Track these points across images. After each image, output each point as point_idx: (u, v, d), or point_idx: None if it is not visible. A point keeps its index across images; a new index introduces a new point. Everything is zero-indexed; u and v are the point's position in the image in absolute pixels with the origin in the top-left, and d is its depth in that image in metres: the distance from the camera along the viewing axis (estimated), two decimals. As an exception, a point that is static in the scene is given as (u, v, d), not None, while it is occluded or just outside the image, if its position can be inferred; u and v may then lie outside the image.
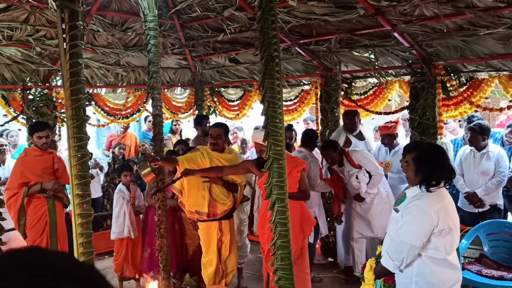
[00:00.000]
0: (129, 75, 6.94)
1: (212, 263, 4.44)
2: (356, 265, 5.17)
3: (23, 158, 4.73)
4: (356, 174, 4.97)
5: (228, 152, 4.57)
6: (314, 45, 5.92)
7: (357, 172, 4.96)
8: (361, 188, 4.98)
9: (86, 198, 2.63)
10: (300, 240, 4.12)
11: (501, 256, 4.50)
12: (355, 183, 5.00)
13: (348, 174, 5.05)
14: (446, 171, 2.69)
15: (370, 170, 4.94)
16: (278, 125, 2.99)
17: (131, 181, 5.21)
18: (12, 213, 4.53)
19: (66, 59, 2.57)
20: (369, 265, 2.84)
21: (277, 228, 3.04)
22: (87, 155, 2.63)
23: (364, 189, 4.97)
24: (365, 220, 5.13)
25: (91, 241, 2.63)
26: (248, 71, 7.10)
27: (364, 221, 5.13)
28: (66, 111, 2.65)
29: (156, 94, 4.67)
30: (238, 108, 7.56)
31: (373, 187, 5.01)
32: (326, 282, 5.39)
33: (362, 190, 4.99)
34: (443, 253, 2.63)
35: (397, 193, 4.83)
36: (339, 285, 5.30)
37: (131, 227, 5.02)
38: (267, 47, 2.92)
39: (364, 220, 5.13)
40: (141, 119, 10.15)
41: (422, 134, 5.18)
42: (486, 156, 5.13)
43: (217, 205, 4.39)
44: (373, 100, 6.06)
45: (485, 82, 5.07)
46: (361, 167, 4.95)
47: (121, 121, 7.17)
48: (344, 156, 5.03)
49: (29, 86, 5.94)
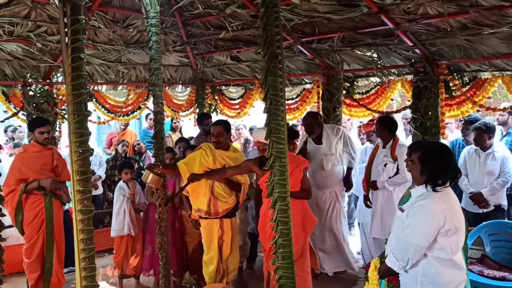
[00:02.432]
0: (130, 72, 6.92)
1: (213, 261, 4.42)
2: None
3: (22, 154, 4.70)
4: (386, 163, 4.96)
5: (233, 151, 4.55)
6: (316, 43, 5.90)
7: (388, 161, 4.95)
8: (381, 177, 4.99)
9: (87, 194, 2.60)
10: (302, 239, 4.10)
11: (503, 256, 4.47)
12: (380, 167, 5.01)
13: (379, 158, 5.07)
14: (452, 170, 2.66)
15: (402, 167, 4.86)
16: (281, 123, 2.97)
17: (131, 178, 5.20)
18: (9, 209, 4.49)
19: (68, 53, 2.54)
20: (374, 265, 2.81)
21: (278, 226, 3.01)
22: (88, 151, 2.61)
23: (384, 179, 4.98)
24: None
25: (92, 237, 2.61)
26: (249, 69, 7.07)
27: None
28: (67, 106, 2.62)
29: (158, 91, 4.64)
30: (239, 106, 7.53)
31: (392, 184, 4.97)
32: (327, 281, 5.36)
33: (381, 179, 4.99)
34: (449, 253, 2.60)
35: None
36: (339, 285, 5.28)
37: (131, 225, 5.02)
38: (270, 44, 2.90)
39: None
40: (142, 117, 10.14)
41: (425, 134, 5.16)
42: (491, 156, 5.11)
43: (218, 203, 4.36)
44: (375, 99, 6.04)
45: (488, 81, 5.06)
46: (396, 161, 4.93)
47: (121, 118, 7.15)
48: (392, 143, 5.00)
49: (29, 82, 5.92)
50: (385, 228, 4.97)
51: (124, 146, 7.28)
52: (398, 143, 5.01)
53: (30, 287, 4.62)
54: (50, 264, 4.58)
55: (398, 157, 4.88)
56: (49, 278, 4.58)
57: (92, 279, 2.65)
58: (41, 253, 4.57)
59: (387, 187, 4.97)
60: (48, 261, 4.57)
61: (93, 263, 2.65)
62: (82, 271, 2.61)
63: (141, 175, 5.46)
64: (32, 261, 4.55)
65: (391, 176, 4.94)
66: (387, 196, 5.04)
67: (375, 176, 5.11)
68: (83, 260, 2.62)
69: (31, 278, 4.59)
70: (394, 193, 5.03)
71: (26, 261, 4.58)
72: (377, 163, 5.10)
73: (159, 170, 4.31)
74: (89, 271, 2.63)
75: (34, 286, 4.59)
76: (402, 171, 4.82)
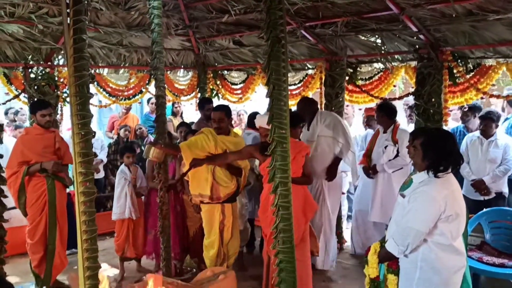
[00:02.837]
0: (131, 56, 6.87)
1: (214, 245, 4.45)
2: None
3: (24, 137, 4.72)
4: (387, 145, 5.08)
5: (234, 136, 4.55)
6: (320, 28, 5.85)
7: (389, 144, 5.08)
8: (381, 159, 5.11)
9: (89, 176, 2.60)
10: (302, 225, 4.11)
11: (502, 243, 4.50)
12: (380, 149, 5.13)
13: (380, 142, 5.18)
14: (454, 157, 2.66)
15: (401, 151, 4.95)
16: (283, 108, 2.95)
17: (133, 162, 5.21)
18: (12, 191, 4.53)
19: (69, 34, 2.51)
20: (374, 248, 2.83)
21: (279, 211, 3.02)
22: (90, 133, 2.60)
23: (384, 161, 5.08)
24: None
25: (94, 219, 2.61)
26: (252, 54, 7.02)
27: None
28: (69, 88, 2.61)
29: (159, 75, 4.61)
30: (241, 91, 7.50)
31: (391, 167, 5.09)
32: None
33: (381, 161, 5.11)
34: (449, 238, 2.62)
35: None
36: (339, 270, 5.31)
37: (132, 208, 5.04)
38: (273, 28, 2.87)
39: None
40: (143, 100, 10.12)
41: (427, 121, 5.13)
42: (494, 144, 5.15)
43: (220, 188, 4.38)
44: (378, 86, 6.00)
45: (493, 69, 5.02)
46: (396, 144, 5.05)
47: (123, 102, 7.14)
48: (393, 127, 5.15)
49: (31, 65, 5.89)
50: (385, 212, 5.04)
51: (126, 131, 7.31)
52: (399, 128, 5.13)
53: (33, 268, 4.66)
54: (53, 246, 4.62)
55: (399, 141, 4.96)
56: (52, 259, 4.62)
57: (94, 260, 2.66)
58: (44, 234, 4.60)
59: (386, 169, 5.08)
60: (51, 243, 4.61)
61: (95, 244, 2.66)
62: (84, 253, 2.63)
63: (143, 160, 5.47)
64: (35, 242, 4.59)
65: (391, 159, 5.02)
66: (387, 181, 5.15)
67: (375, 160, 5.19)
68: (85, 242, 2.63)
69: (34, 259, 4.64)
70: (393, 178, 5.10)
71: (29, 242, 4.62)
72: (378, 147, 5.19)
73: (160, 147, 4.31)
74: (91, 253, 2.64)
75: (37, 267, 4.64)
76: (402, 154, 4.92)
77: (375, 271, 2.80)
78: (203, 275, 3.96)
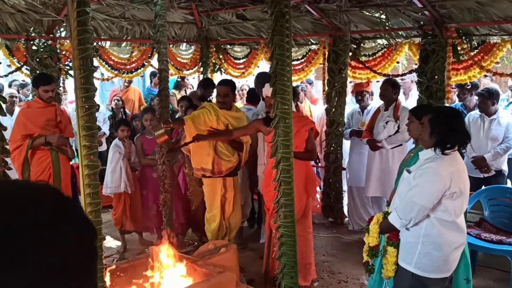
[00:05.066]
0: (134, 29, 6.81)
1: (216, 219, 4.50)
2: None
3: (26, 110, 4.71)
4: (388, 121, 5.15)
5: (236, 110, 4.55)
6: (324, 3, 5.77)
7: (390, 120, 5.15)
8: (381, 135, 5.20)
9: (93, 149, 2.63)
10: (304, 200, 4.16)
11: (501, 221, 4.56)
12: (380, 124, 5.22)
13: (382, 118, 5.25)
14: (461, 135, 2.68)
15: (402, 127, 5.00)
16: (286, 83, 2.95)
17: (127, 136, 5.17)
18: (16, 165, 4.53)
19: (73, 7, 2.50)
20: (376, 218, 2.86)
21: (281, 186, 3.06)
22: (94, 106, 2.61)
23: (384, 136, 5.17)
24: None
25: (98, 192, 2.65)
26: (255, 29, 6.95)
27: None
28: (73, 61, 2.60)
29: (162, 49, 4.59)
30: (244, 66, 7.45)
31: (390, 142, 5.17)
32: (327, 241, 5.48)
33: (381, 137, 5.20)
34: (452, 215, 2.66)
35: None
36: (339, 244, 5.39)
37: (127, 182, 5.01)
38: (277, 2, 2.85)
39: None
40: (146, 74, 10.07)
41: (430, 98, 5.12)
42: (496, 122, 5.15)
43: (221, 162, 4.41)
44: (381, 62, 5.96)
45: (497, 46, 4.97)
46: (398, 121, 5.11)
47: (125, 75, 7.11)
48: (395, 104, 5.22)
49: (32, 37, 5.84)
50: (382, 186, 5.13)
51: (115, 100, 7.37)
52: (400, 105, 5.20)
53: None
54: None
55: (400, 118, 4.99)
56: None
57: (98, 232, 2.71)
58: (49, 207, 4.65)
59: (385, 145, 5.16)
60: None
61: (99, 216, 2.70)
62: (88, 224, 2.67)
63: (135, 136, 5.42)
64: (39, 215, 4.64)
65: (391, 135, 5.12)
66: (385, 156, 5.24)
67: (375, 136, 5.29)
68: (89, 214, 2.67)
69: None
70: (390, 154, 5.16)
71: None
72: (379, 122, 5.26)
73: (169, 126, 4.34)
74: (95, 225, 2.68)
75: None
76: (401, 130, 4.98)
77: (375, 240, 2.85)
78: (205, 248, 4.02)
